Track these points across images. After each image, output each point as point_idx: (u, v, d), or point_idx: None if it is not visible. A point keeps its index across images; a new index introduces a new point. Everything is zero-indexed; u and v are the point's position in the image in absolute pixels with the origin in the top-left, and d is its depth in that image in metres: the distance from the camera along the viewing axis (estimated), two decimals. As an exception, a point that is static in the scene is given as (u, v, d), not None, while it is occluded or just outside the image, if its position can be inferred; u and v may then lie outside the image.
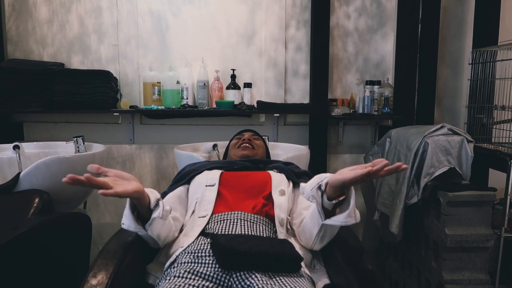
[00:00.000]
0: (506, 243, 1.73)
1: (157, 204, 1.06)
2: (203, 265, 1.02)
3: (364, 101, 2.30)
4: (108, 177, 0.97)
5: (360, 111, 2.32)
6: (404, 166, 0.92)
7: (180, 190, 1.37)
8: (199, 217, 1.21)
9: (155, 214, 1.05)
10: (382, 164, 0.92)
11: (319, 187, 1.04)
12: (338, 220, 1.03)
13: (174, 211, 1.24)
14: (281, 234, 1.17)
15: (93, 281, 0.97)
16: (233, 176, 1.35)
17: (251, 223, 1.16)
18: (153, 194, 1.07)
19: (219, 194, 1.27)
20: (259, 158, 1.61)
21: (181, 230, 1.25)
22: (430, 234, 1.76)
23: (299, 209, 1.27)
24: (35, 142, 2.06)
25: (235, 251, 0.96)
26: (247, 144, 1.60)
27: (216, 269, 1.00)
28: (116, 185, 0.95)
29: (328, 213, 1.06)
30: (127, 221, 1.05)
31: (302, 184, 1.11)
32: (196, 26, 2.35)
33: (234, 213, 1.18)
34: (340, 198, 1.03)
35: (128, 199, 1.04)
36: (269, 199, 1.26)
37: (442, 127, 1.80)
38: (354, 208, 1.02)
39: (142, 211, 1.06)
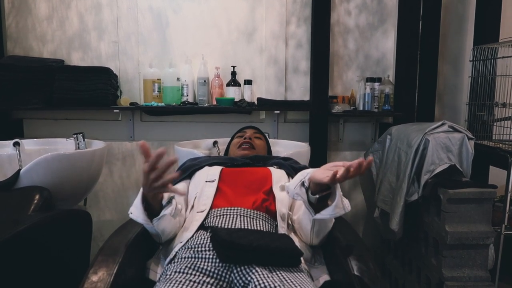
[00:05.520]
0: (506, 240, 1.73)
1: (169, 202, 1.07)
2: (203, 260, 1.02)
3: (365, 98, 2.30)
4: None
5: (361, 108, 2.32)
6: (367, 159, 0.91)
7: (182, 185, 1.37)
8: (197, 212, 1.21)
9: (166, 211, 1.06)
10: (347, 165, 0.92)
11: (302, 184, 1.05)
12: (327, 213, 1.03)
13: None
14: (282, 229, 1.17)
15: (94, 278, 0.97)
16: (233, 172, 1.35)
17: (251, 219, 1.16)
18: None
19: (218, 190, 1.27)
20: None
21: (181, 226, 1.25)
22: (430, 231, 1.76)
23: (297, 205, 1.27)
24: (35, 139, 2.06)
25: (236, 245, 0.96)
26: (247, 145, 1.60)
27: (216, 264, 1.00)
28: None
29: (319, 207, 1.07)
30: (136, 212, 1.06)
31: (286, 184, 1.11)
32: (196, 23, 2.34)
33: (234, 209, 1.18)
34: (324, 193, 1.03)
35: (141, 190, 1.04)
36: (270, 194, 1.26)
37: (442, 124, 1.80)
38: (341, 198, 1.02)
39: (153, 204, 1.07)
